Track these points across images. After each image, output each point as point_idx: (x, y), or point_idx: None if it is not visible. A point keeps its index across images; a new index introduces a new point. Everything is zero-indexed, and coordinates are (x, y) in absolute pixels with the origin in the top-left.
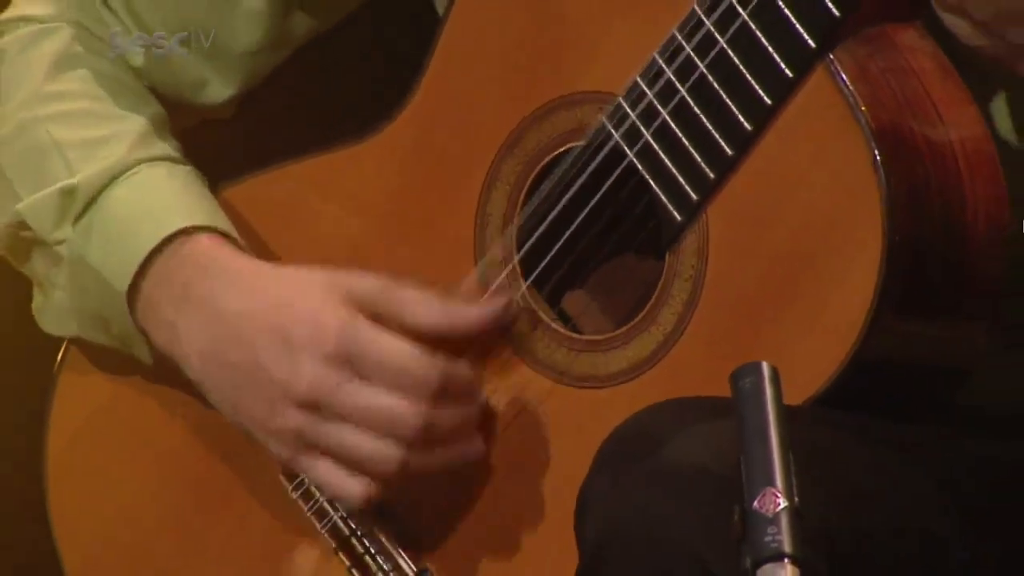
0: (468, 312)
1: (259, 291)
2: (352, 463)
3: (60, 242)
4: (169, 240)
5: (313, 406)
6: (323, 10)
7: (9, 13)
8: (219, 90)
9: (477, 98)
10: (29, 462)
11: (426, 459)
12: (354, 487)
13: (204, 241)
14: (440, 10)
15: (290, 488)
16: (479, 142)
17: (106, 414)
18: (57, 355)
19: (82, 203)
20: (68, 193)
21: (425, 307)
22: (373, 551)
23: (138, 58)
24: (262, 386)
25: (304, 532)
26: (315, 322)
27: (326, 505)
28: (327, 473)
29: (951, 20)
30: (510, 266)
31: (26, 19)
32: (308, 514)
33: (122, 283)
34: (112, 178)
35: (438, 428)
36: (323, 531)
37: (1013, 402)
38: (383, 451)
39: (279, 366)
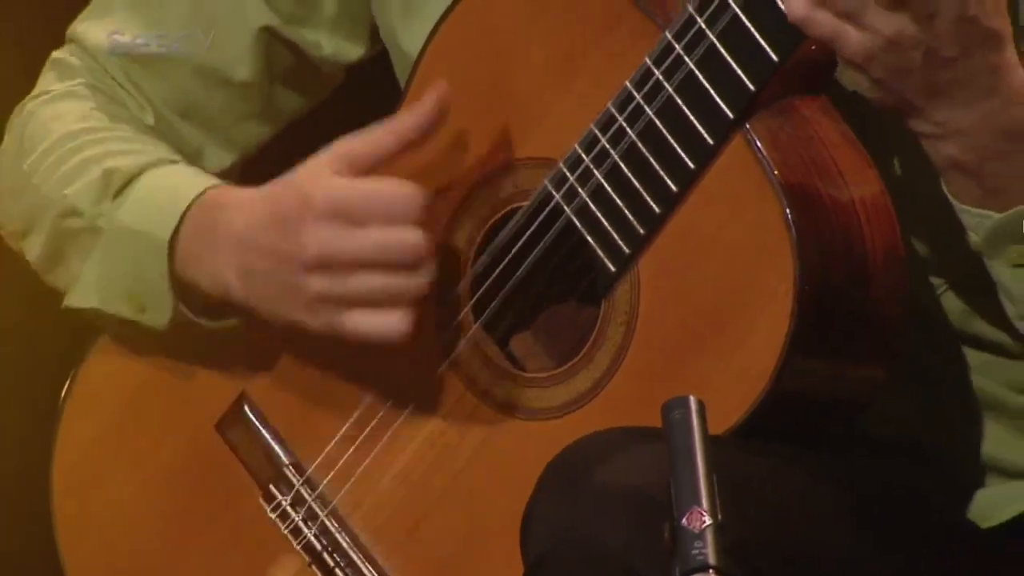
0: (403, 117)
1: (257, 202)
2: (379, 302)
3: (100, 215)
4: (196, 200)
5: (325, 266)
6: (305, 85)
7: (38, 90)
8: (216, 158)
9: (435, 163)
10: (37, 481)
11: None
12: (392, 321)
13: (212, 191)
14: (401, 83)
15: (268, 509)
16: (437, 202)
17: (107, 438)
18: (57, 375)
19: (121, 181)
20: (110, 173)
21: (370, 139)
22: (342, 564)
23: (149, 120)
24: (280, 271)
25: (281, 548)
26: (300, 195)
27: (300, 525)
28: (364, 320)
29: (853, 76)
30: (465, 311)
31: (48, 92)
32: (284, 532)
33: (165, 233)
34: (144, 167)
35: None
36: (298, 547)
37: (898, 428)
38: (401, 279)
39: (286, 244)
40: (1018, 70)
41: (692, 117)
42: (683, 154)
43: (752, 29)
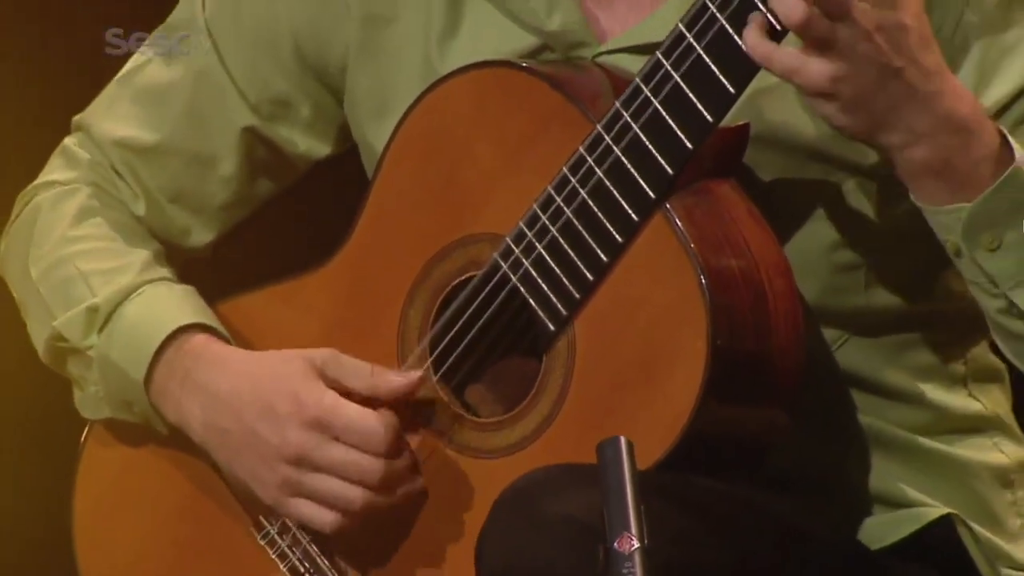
0: (390, 376)
1: (243, 373)
2: (327, 503)
3: (90, 347)
4: (171, 338)
5: (297, 462)
6: (279, 176)
7: (41, 179)
8: (200, 236)
9: (397, 239)
10: (59, 520)
11: (385, 498)
12: (327, 520)
13: (198, 337)
14: (369, 175)
15: (258, 536)
16: (399, 273)
17: (121, 479)
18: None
19: (103, 317)
20: (93, 311)
21: (359, 373)
22: None
23: (140, 209)
24: (255, 447)
25: (270, 570)
26: (295, 396)
27: (286, 550)
28: (309, 511)
29: (817, 105)
30: (425, 366)
31: (54, 183)
32: (272, 556)
33: (139, 374)
34: (125, 296)
35: (393, 474)
36: (284, 569)
37: (799, 464)
38: (350, 493)
39: (269, 432)
40: (948, 70)
41: (619, 197)
42: (612, 229)
43: (670, 121)
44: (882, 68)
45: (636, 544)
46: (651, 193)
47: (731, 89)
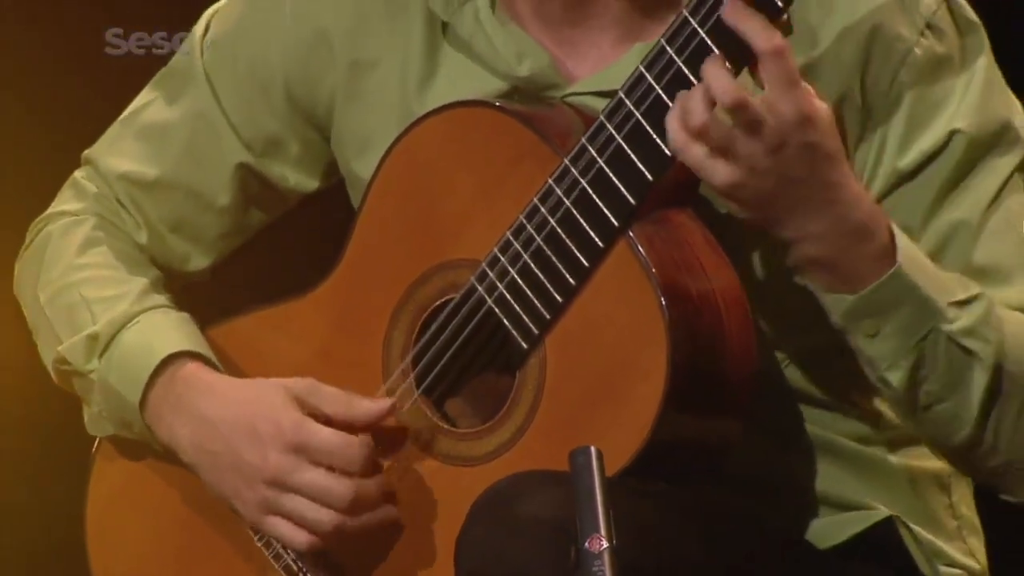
0: (365, 404)
1: (229, 400)
2: (300, 523)
3: (91, 371)
4: (164, 365)
5: (275, 484)
6: (271, 207)
7: (52, 209)
8: (198, 262)
9: (381, 265)
10: (72, 523)
11: (353, 521)
12: (297, 540)
13: (189, 365)
14: (355, 206)
15: (255, 538)
16: (383, 296)
17: (127, 489)
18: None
19: (103, 344)
20: (93, 338)
21: (336, 401)
22: None
23: (143, 238)
24: (238, 468)
25: (267, 568)
26: (275, 422)
27: (280, 550)
28: (284, 530)
29: (721, 198)
30: (408, 381)
31: (64, 213)
32: (268, 556)
33: (135, 398)
34: (122, 325)
35: (362, 498)
36: (279, 568)
37: (751, 469)
38: (321, 516)
39: (251, 454)
40: (852, 179)
41: (586, 225)
42: (579, 254)
43: (633, 156)
44: (781, 178)
45: (605, 544)
46: (615, 221)
47: None
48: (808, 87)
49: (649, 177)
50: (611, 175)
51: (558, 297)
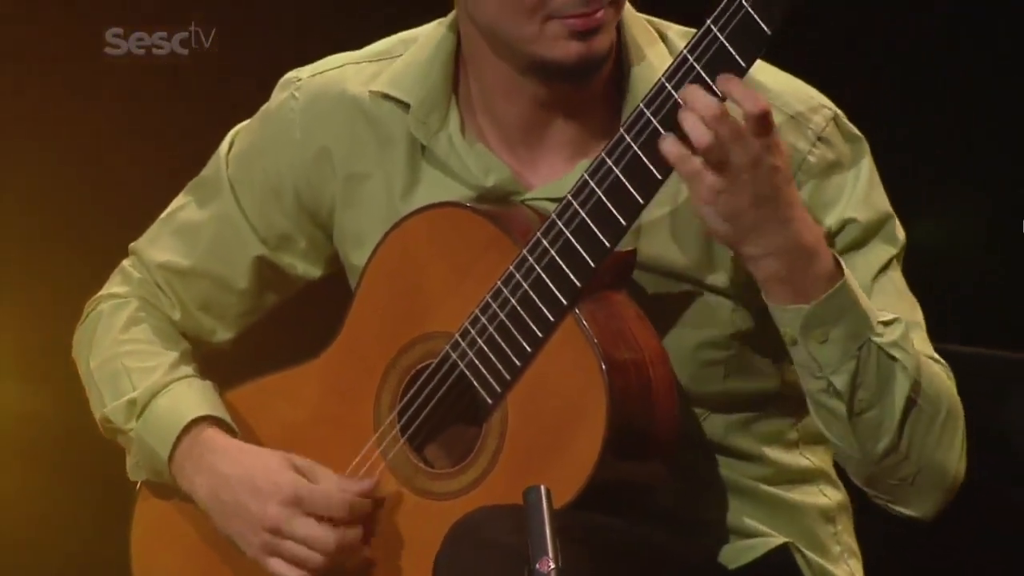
0: (353, 486)
1: (239, 462)
2: (294, 563)
3: (130, 430)
4: (188, 428)
5: (273, 531)
6: (282, 291)
7: (104, 291)
8: (222, 336)
9: (372, 336)
10: (121, 548)
11: (334, 561)
12: (293, 575)
13: (208, 430)
14: (352, 288)
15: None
16: (374, 362)
17: (164, 516)
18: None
19: (140, 408)
20: (132, 403)
21: (329, 487)
22: None
23: (176, 315)
24: (244, 517)
25: None
26: (274, 481)
27: None
28: (281, 568)
29: (701, 209)
30: (394, 432)
31: (113, 295)
32: None
33: (164, 454)
34: (156, 392)
35: (345, 543)
36: None
37: (674, 504)
38: (311, 558)
39: (254, 505)
40: (804, 207)
41: (540, 303)
42: (534, 327)
43: (578, 246)
44: (755, 194)
45: (552, 566)
46: (564, 300)
47: (623, 222)
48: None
49: (592, 264)
50: (561, 263)
51: (517, 362)
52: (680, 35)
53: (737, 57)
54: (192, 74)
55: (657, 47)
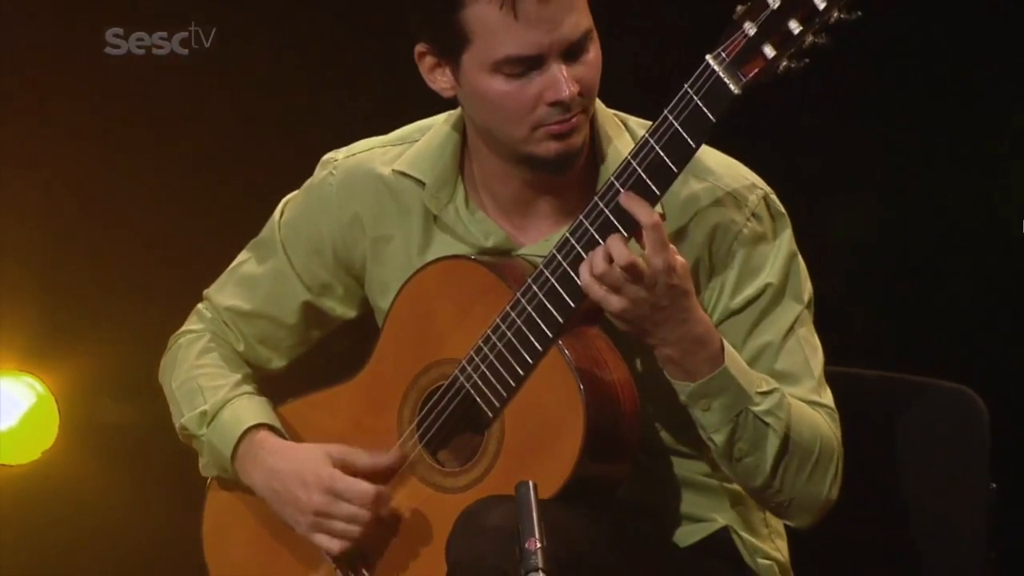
0: (375, 458)
1: (288, 458)
2: (336, 536)
3: (202, 435)
4: (247, 433)
5: (316, 513)
6: (325, 328)
7: (184, 328)
8: (277, 364)
9: (395, 364)
10: (193, 537)
11: (368, 533)
12: (337, 546)
13: (263, 433)
14: (379, 325)
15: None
16: (397, 384)
17: (231, 507)
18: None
19: (209, 418)
20: (203, 414)
21: (360, 456)
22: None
23: (240, 347)
24: (294, 503)
25: (322, 562)
26: (316, 473)
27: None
28: (326, 541)
29: (611, 318)
30: (413, 439)
31: (190, 331)
32: (331, 565)
33: (228, 453)
34: (222, 406)
35: (374, 518)
36: (337, 572)
37: (637, 497)
38: (349, 531)
39: (301, 493)
40: (699, 308)
41: (530, 336)
42: (526, 355)
43: (562, 292)
44: (652, 306)
45: (539, 545)
46: (549, 334)
47: None
48: (673, 247)
49: (572, 304)
50: (547, 304)
51: (512, 383)
52: (638, 124)
53: (688, 139)
54: (192, 74)
55: (623, 136)
